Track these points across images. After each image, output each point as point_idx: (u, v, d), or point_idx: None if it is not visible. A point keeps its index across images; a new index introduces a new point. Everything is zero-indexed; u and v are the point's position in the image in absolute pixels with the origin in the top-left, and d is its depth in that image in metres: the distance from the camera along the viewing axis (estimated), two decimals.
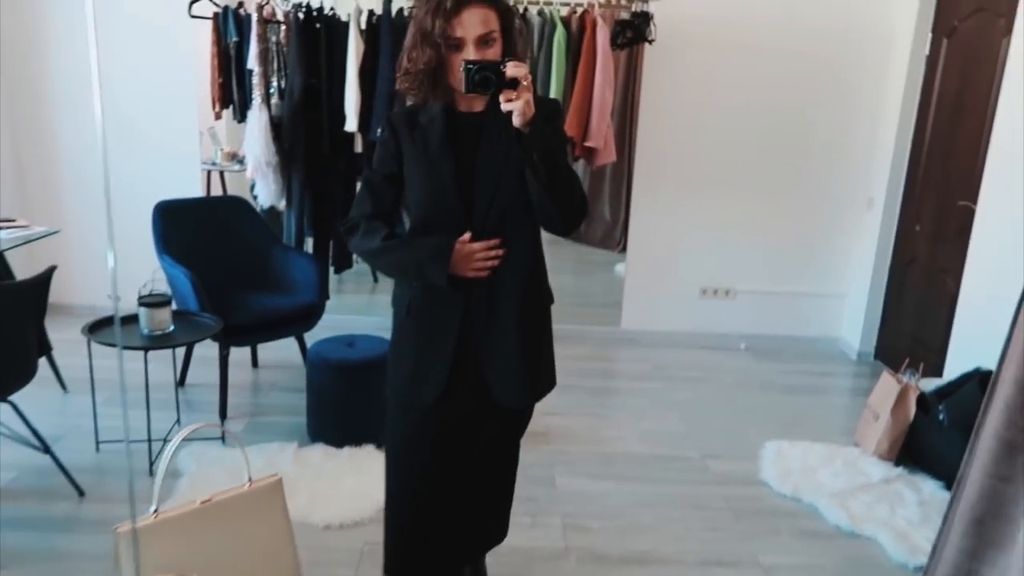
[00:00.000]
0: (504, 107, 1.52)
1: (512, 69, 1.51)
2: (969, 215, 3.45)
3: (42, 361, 3.51)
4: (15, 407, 2.68)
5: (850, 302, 4.56)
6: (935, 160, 3.92)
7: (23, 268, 3.68)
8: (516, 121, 1.52)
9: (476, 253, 1.68)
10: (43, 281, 2.60)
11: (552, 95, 3.97)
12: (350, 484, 2.80)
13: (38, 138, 4.37)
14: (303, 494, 2.71)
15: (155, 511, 1.39)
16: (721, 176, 4.41)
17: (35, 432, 2.75)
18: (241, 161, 4.69)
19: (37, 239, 3.63)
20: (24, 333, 2.55)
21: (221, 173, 5.37)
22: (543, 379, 1.88)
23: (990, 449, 1.53)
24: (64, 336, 3.55)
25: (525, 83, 1.51)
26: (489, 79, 1.52)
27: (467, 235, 1.69)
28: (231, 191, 5.20)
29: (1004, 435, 1.47)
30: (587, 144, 4.00)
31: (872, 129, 4.31)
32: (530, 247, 1.78)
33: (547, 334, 1.88)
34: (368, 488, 2.77)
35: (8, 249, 3.47)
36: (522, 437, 1.97)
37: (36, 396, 3.41)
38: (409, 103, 1.85)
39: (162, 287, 3.16)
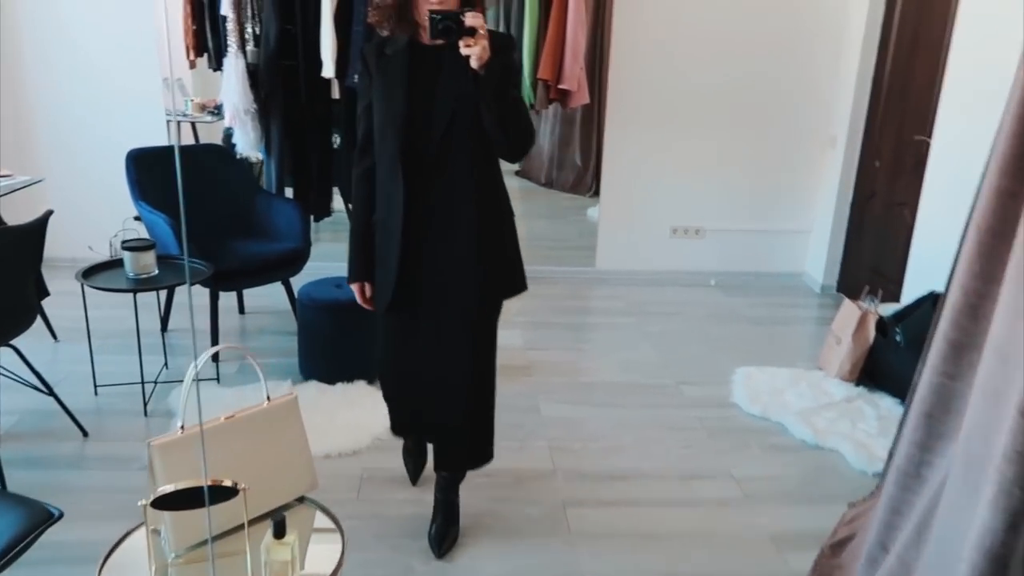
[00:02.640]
0: (463, 51, 1.77)
1: (471, 19, 1.76)
2: (925, 149, 3.62)
3: None
4: (18, 351, 2.75)
5: (814, 238, 4.75)
6: (893, 97, 4.07)
7: (8, 219, 3.69)
8: (473, 64, 1.78)
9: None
10: (40, 225, 2.64)
11: (525, 38, 4.04)
12: (346, 416, 2.93)
13: (14, 87, 4.32)
14: None
15: (181, 427, 1.50)
16: (690, 117, 4.52)
17: (38, 375, 2.82)
18: (214, 112, 4.67)
19: (22, 188, 3.63)
20: (24, 278, 2.60)
21: (193, 124, 5.34)
22: (502, 280, 2.13)
23: (939, 350, 1.69)
24: (51, 287, 3.59)
25: (482, 31, 1.77)
26: (451, 28, 1.77)
27: (359, 287, 2.19)
28: (204, 141, 5.18)
29: (951, 336, 1.63)
30: (561, 86, 4.07)
31: (835, 68, 4.44)
32: (482, 171, 2.01)
33: (507, 240, 2.13)
34: (363, 420, 2.90)
35: None
36: (492, 343, 2.18)
37: (28, 345, 3.47)
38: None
39: (136, 236, 3.16)
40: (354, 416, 2.93)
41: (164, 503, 1.40)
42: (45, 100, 4.34)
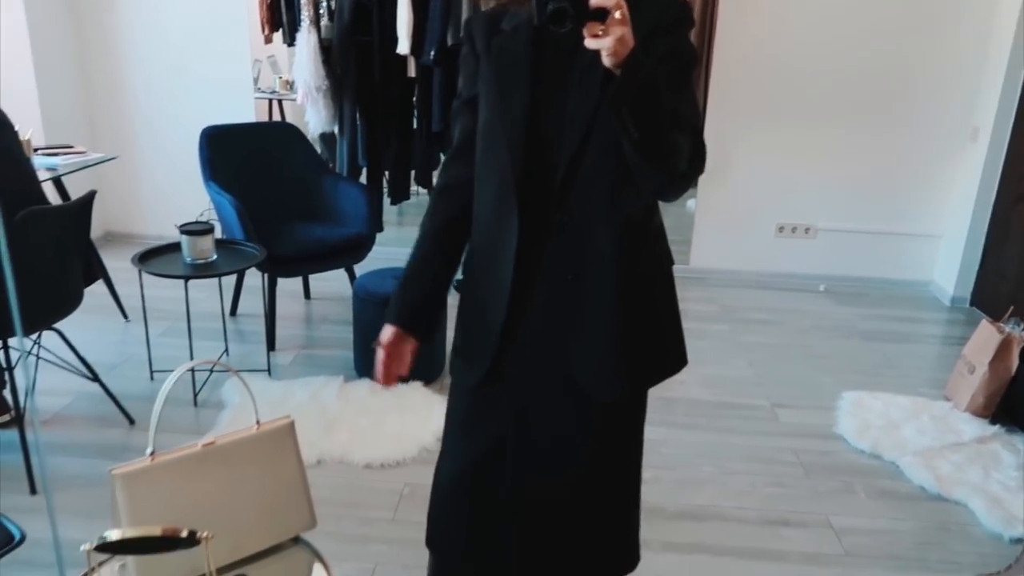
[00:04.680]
0: (588, 44, 1.11)
1: None
2: None
3: (104, 290, 3.54)
4: (61, 335, 2.66)
5: (945, 243, 4.16)
6: None
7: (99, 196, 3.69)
8: (605, 61, 1.12)
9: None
10: (83, 205, 2.52)
11: None
12: (394, 422, 2.69)
13: (106, 67, 4.32)
14: (345, 431, 2.62)
15: (152, 453, 1.27)
16: (804, 102, 4.03)
17: (83, 361, 2.73)
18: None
19: (93, 165, 3.61)
20: (66, 259, 2.48)
21: (280, 102, 5.27)
22: (657, 360, 1.49)
23: None
24: (124, 265, 3.54)
25: (618, 14, 1.08)
26: (564, 11, 1.09)
27: (388, 333, 1.48)
28: (289, 120, 5.10)
29: None
30: None
31: (982, 49, 3.83)
32: (633, 213, 1.37)
33: (665, 305, 1.49)
34: (412, 428, 2.66)
35: (64, 174, 3.45)
36: (636, 440, 1.56)
37: (98, 324, 3.47)
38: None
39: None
40: (403, 423, 2.69)
41: (125, 545, 1.18)
42: (137, 79, 4.32)
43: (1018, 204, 3.69)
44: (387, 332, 1.48)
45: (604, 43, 1.09)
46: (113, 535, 1.13)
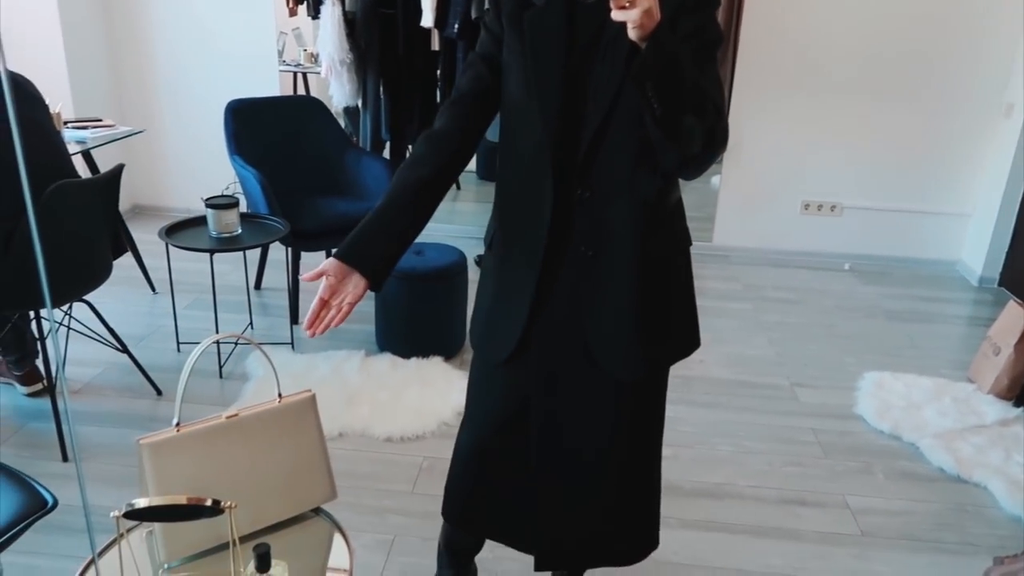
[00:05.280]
0: (615, 16, 1.10)
1: None
2: None
3: (132, 262, 3.60)
4: (92, 307, 2.71)
5: (975, 222, 4.08)
6: None
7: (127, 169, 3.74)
8: (632, 35, 1.11)
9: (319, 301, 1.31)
10: (112, 179, 2.56)
11: None
12: (414, 396, 2.72)
13: (134, 40, 4.35)
14: (366, 404, 2.66)
15: (177, 424, 1.31)
16: (830, 78, 3.95)
17: (113, 332, 2.79)
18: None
19: (121, 138, 3.64)
20: (95, 232, 2.53)
21: (304, 75, 5.27)
22: (670, 341, 1.49)
23: None
24: (151, 238, 3.59)
25: None
26: None
27: (323, 269, 1.32)
28: (314, 93, 5.10)
29: None
30: None
31: (1016, 23, 3.72)
32: (647, 187, 1.36)
33: (680, 286, 1.48)
34: (432, 402, 2.69)
35: (94, 147, 3.49)
36: (655, 420, 1.56)
37: (127, 296, 3.53)
38: None
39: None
40: (424, 396, 2.72)
41: (152, 512, 1.22)
42: (164, 52, 4.34)
43: None
44: (335, 267, 1.33)
45: (631, 15, 1.08)
46: (140, 503, 1.17)
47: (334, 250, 1.43)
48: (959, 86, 3.90)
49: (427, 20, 3.59)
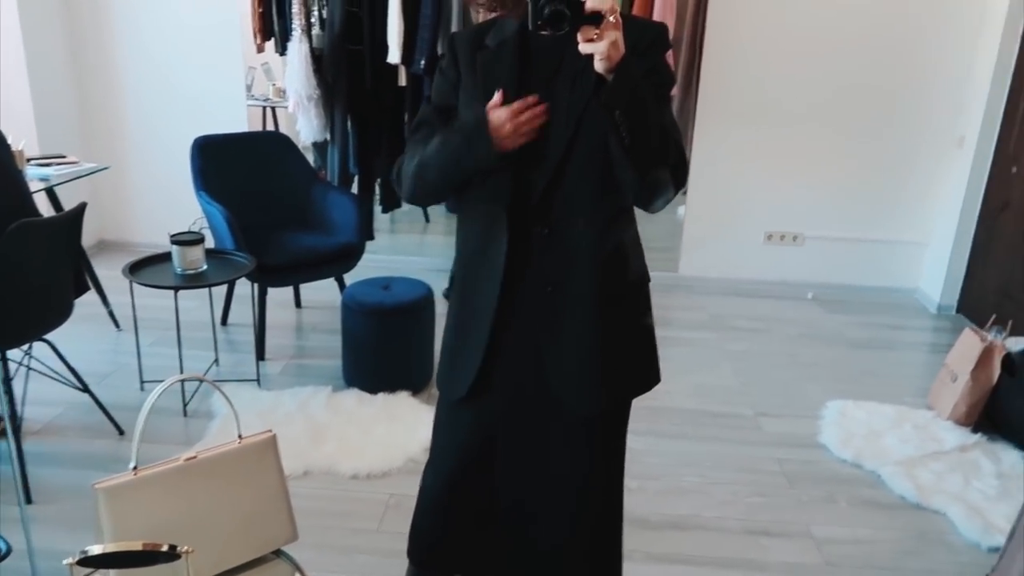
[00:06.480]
0: (583, 49, 1.17)
1: (593, 1, 1.16)
2: None
3: (97, 299, 3.56)
4: (52, 346, 2.68)
5: (931, 251, 4.19)
6: None
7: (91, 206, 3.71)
8: (598, 66, 1.18)
9: (512, 117, 1.30)
10: (74, 217, 2.54)
11: None
12: (381, 432, 2.71)
13: (101, 76, 4.33)
14: (332, 441, 2.64)
15: (135, 467, 1.30)
16: (791, 111, 4.06)
17: (74, 371, 2.75)
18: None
19: (86, 175, 3.61)
20: (56, 270, 2.50)
21: (273, 109, 5.29)
22: (630, 376, 1.51)
23: None
24: (116, 274, 3.55)
25: (612, 18, 1.16)
26: (562, 14, 1.16)
27: (497, 98, 1.32)
28: (282, 128, 5.12)
29: None
30: None
31: (968, 57, 3.87)
32: (605, 222, 1.40)
33: (638, 321, 1.51)
34: (399, 437, 2.68)
35: (57, 185, 3.46)
36: (616, 454, 1.60)
37: (90, 333, 3.48)
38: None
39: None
40: (390, 432, 2.71)
41: (107, 559, 1.21)
42: (131, 87, 4.33)
43: (1003, 212, 3.72)
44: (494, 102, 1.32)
45: (599, 47, 1.15)
46: (94, 550, 1.16)
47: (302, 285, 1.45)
48: (914, 118, 4.02)
49: (394, 56, 3.64)
